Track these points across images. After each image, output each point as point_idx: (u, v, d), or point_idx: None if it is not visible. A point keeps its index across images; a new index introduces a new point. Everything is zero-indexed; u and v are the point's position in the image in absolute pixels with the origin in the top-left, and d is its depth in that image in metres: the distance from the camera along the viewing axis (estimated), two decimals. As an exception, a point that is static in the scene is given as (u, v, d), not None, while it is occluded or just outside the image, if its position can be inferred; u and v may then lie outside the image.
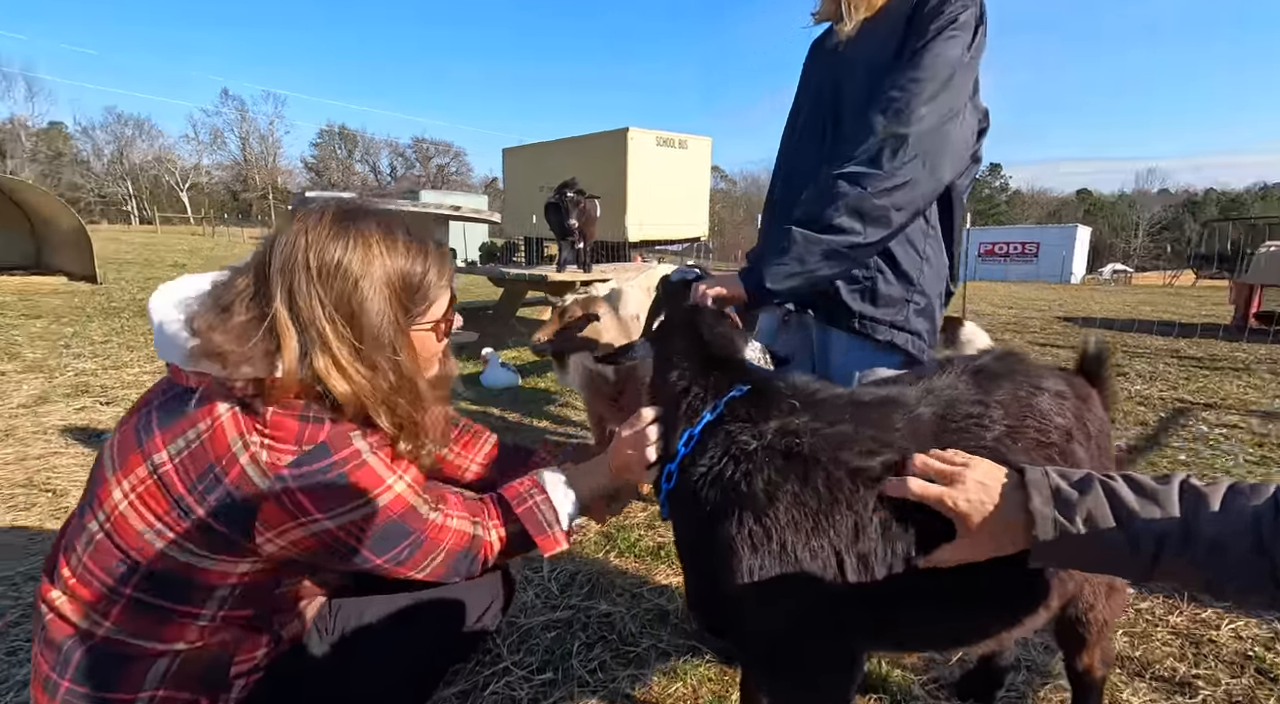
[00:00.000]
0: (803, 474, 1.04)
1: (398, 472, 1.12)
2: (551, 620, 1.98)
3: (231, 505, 0.97)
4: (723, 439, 1.12)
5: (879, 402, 1.16)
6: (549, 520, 1.25)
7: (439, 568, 1.17)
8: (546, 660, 1.80)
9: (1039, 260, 34.68)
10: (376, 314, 1.05)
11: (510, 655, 1.81)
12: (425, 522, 1.14)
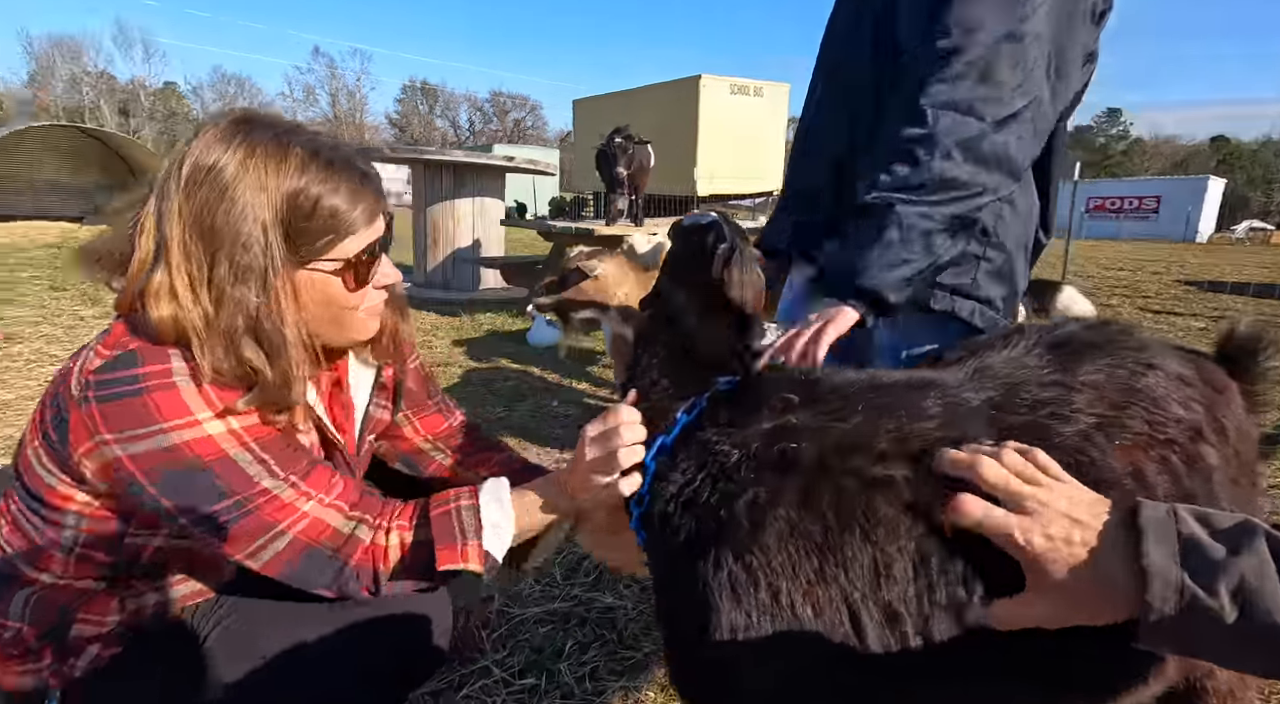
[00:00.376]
0: (802, 492, 0.77)
1: (218, 410, 0.90)
2: (547, 612, 1.79)
3: (58, 414, 0.91)
4: (697, 450, 0.87)
5: (906, 385, 0.87)
6: (464, 529, 0.98)
7: (281, 561, 0.93)
8: (533, 661, 1.62)
9: (1159, 216, 31.23)
10: (243, 237, 0.89)
11: (493, 652, 1.64)
12: (254, 487, 0.91)
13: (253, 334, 0.91)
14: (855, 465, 0.77)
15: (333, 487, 0.99)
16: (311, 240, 0.94)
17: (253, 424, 0.95)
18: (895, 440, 0.79)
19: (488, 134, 68.14)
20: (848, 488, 0.77)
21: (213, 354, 0.89)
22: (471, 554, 0.96)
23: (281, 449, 0.97)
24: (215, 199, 0.88)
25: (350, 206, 0.95)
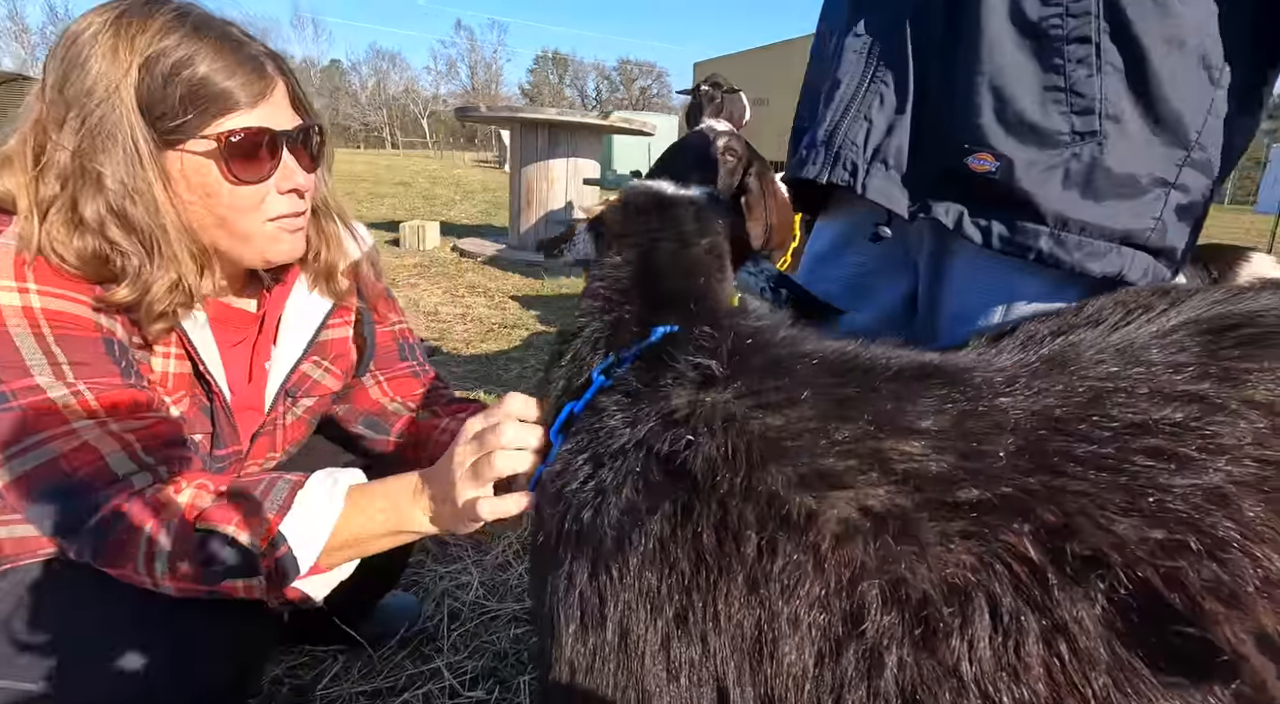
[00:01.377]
0: (684, 509, 0.56)
1: (25, 284, 0.77)
2: (526, 612, 1.55)
3: None
4: (589, 423, 0.68)
5: (896, 371, 0.58)
6: (265, 497, 0.81)
7: (36, 481, 0.75)
8: (491, 670, 1.39)
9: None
10: (92, 103, 0.79)
11: (451, 653, 1.42)
12: (24, 379, 0.75)
13: (118, 217, 0.80)
14: (765, 485, 0.52)
15: (134, 416, 0.80)
16: (174, 114, 0.81)
17: (62, 310, 0.79)
18: (845, 456, 0.51)
19: (614, 102, 68.72)
20: (743, 516, 0.51)
21: (50, 231, 0.79)
22: (255, 527, 0.78)
23: (86, 351, 0.79)
24: (70, 66, 0.80)
25: (221, 77, 0.82)
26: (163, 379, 0.92)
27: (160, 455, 0.81)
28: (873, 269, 1.03)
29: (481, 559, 1.74)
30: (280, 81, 0.90)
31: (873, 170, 0.88)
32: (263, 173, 0.87)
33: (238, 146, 0.84)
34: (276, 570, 0.80)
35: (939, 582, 0.46)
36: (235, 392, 1.01)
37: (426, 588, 1.63)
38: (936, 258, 0.94)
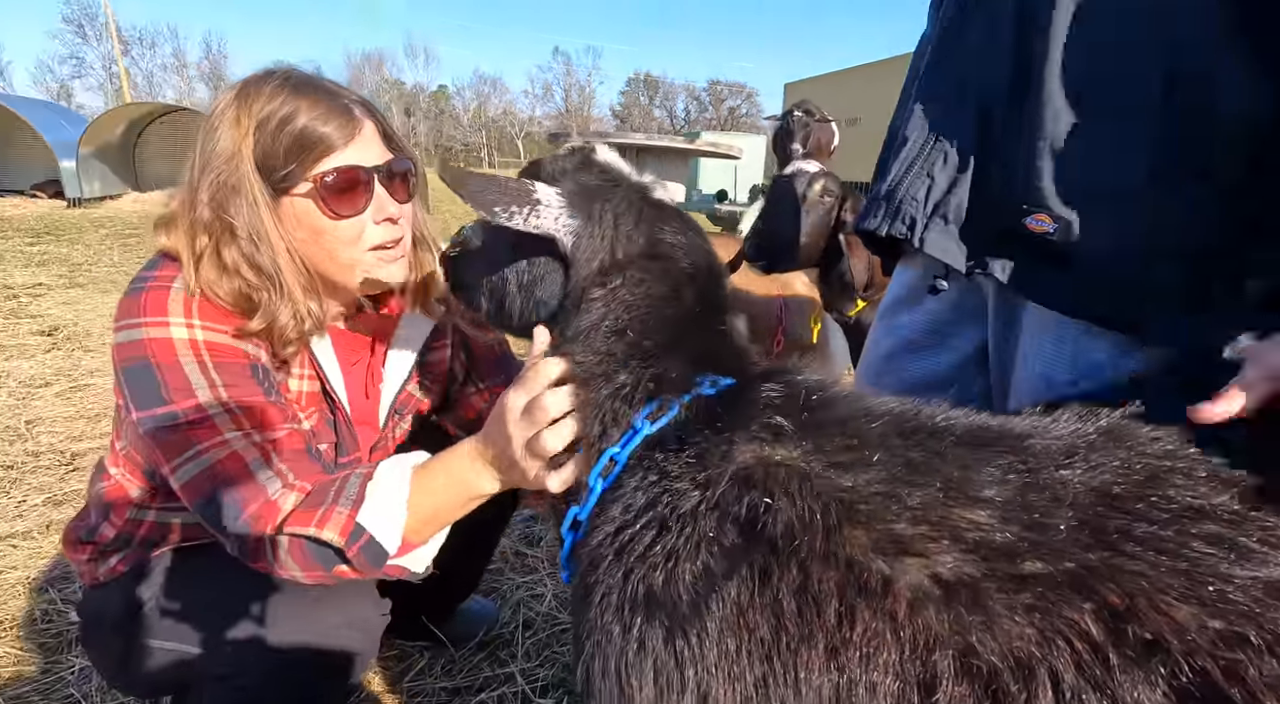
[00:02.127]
0: (762, 573, 0.55)
1: (190, 320, 0.92)
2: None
3: None
4: (649, 479, 0.65)
5: (962, 437, 0.58)
6: (339, 496, 0.88)
7: (194, 487, 0.89)
8: (561, 680, 1.44)
9: None
10: (220, 164, 0.92)
11: (524, 659, 1.49)
12: (189, 400, 0.90)
13: (248, 260, 0.93)
14: (844, 550, 0.53)
15: (272, 429, 0.92)
16: (283, 164, 0.93)
17: (219, 342, 0.94)
18: (916, 522, 0.52)
19: (702, 122, 69.16)
20: (824, 582, 0.52)
21: (204, 277, 0.93)
22: (333, 522, 0.86)
23: (236, 375, 0.93)
24: (207, 137, 0.94)
25: (317, 125, 0.93)
26: (298, 397, 1.06)
27: (290, 463, 0.93)
28: (948, 318, 1.03)
29: (556, 572, 1.80)
30: (369, 122, 0.99)
31: (931, 225, 0.90)
32: (358, 206, 0.96)
33: (333, 184, 0.94)
34: (365, 556, 0.88)
35: (1006, 654, 0.46)
36: (354, 407, 1.14)
37: (504, 595, 1.72)
38: (1005, 313, 0.94)
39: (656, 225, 0.79)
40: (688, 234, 0.81)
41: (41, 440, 2.54)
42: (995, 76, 0.84)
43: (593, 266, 0.78)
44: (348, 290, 1.05)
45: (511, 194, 0.76)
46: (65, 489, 2.19)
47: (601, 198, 0.80)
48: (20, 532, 1.94)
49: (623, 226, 0.78)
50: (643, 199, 0.82)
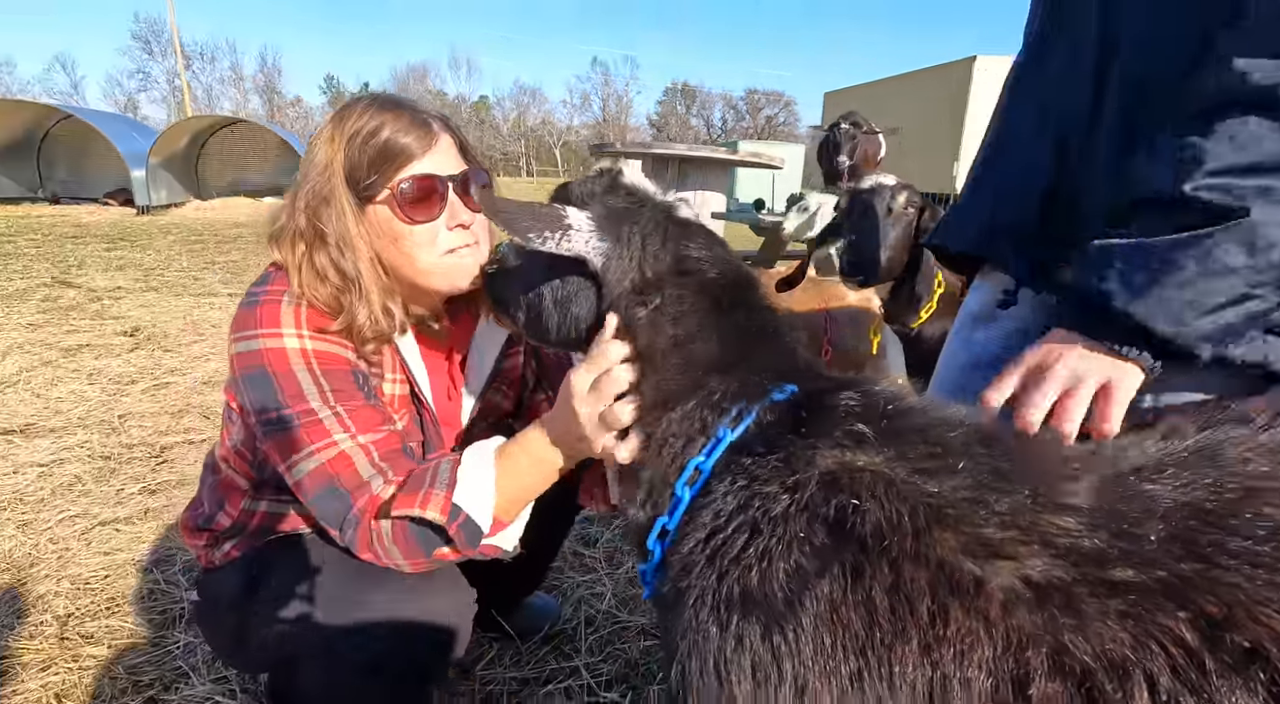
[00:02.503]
0: (854, 570, 0.59)
1: (300, 330, 1.02)
2: (654, 628, 1.67)
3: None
4: (738, 484, 0.69)
5: (1045, 450, 0.63)
6: (435, 480, 0.96)
7: (307, 484, 0.99)
8: (624, 676, 1.52)
9: None
10: (314, 178, 1.03)
11: (587, 654, 1.57)
12: (302, 404, 0.99)
13: (335, 265, 1.03)
14: (934, 551, 0.56)
15: (374, 430, 1.01)
16: (367, 174, 1.01)
17: (326, 351, 1.03)
18: (1005, 527, 0.55)
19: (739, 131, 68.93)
20: (915, 580, 0.56)
21: (304, 282, 1.03)
22: (434, 502, 0.94)
23: (341, 381, 1.03)
24: (306, 156, 1.05)
25: (398, 137, 1.01)
26: (391, 400, 1.15)
27: (389, 460, 1.02)
28: (1029, 331, 1.02)
29: (614, 572, 1.88)
30: (446, 136, 1.07)
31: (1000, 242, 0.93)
32: (432, 213, 1.03)
33: (409, 191, 1.01)
34: (464, 534, 0.95)
35: (1099, 655, 0.48)
36: (439, 408, 1.24)
37: (565, 593, 1.80)
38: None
39: (682, 243, 0.84)
40: (712, 248, 0.86)
41: (133, 434, 2.73)
42: (1075, 102, 0.86)
43: (624, 285, 0.83)
44: (429, 294, 1.13)
45: (544, 219, 0.82)
46: (157, 479, 2.36)
47: (629, 220, 0.85)
48: (122, 517, 2.10)
49: (650, 246, 0.83)
50: (668, 218, 0.86)
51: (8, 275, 5.83)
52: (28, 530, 2.02)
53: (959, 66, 11.97)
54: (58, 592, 1.74)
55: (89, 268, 6.36)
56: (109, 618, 1.65)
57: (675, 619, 0.71)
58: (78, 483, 2.32)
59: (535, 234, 0.81)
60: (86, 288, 5.43)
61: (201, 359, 3.70)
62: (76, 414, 2.90)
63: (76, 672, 1.48)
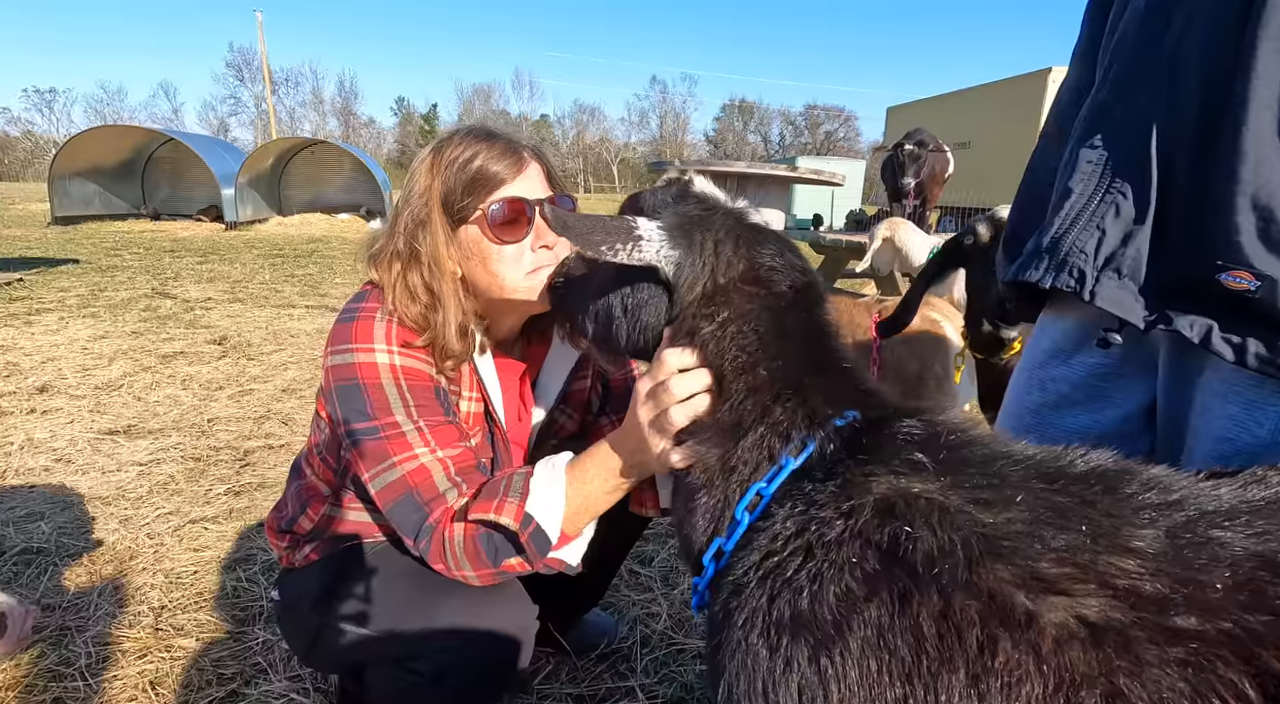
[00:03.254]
0: (901, 597, 0.59)
1: (390, 346, 1.07)
2: (710, 651, 1.66)
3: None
4: (796, 509, 0.70)
5: (1108, 486, 0.59)
6: (508, 489, 1.00)
7: (387, 493, 1.04)
8: (680, 699, 1.51)
9: None
10: (414, 204, 1.10)
11: (643, 675, 1.57)
12: (388, 417, 1.05)
13: (426, 285, 1.09)
14: (986, 581, 0.55)
15: (452, 445, 1.06)
16: (461, 198, 1.08)
17: (413, 367, 1.09)
18: (1060, 563, 0.54)
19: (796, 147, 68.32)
20: (965, 609, 0.55)
21: (398, 299, 1.10)
22: (508, 510, 0.98)
23: (425, 397, 1.09)
24: (407, 184, 1.12)
25: (491, 164, 1.08)
26: (466, 417, 1.20)
27: (464, 475, 1.07)
28: (1109, 372, 0.99)
29: (670, 592, 1.88)
30: (534, 163, 1.13)
31: (1103, 278, 0.87)
32: (519, 233, 1.09)
33: (499, 213, 1.07)
34: (534, 543, 0.98)
35: (1156, 702, 0.47)
36: (510, 428, 1.28)
37: (621, 611, 1.81)
38: (1180, 370, 0.90)
39: (755, 249, 0.83)
40: (784, 254, 0.85)
41: (220, 437, 2.92)
42: (1178, 129, 0.82)
43: (696, 292, 0.82)
44: (511, 313, 1.19)
45: (615, 232, 0.81)
46: (241, 481, 2.51)
47: (700, 226, 0.84)
48: (209, 516, 2.25)
49: (722, 253, 0.82)
50: (739, 224, 0.85)
51: (115, 286, 6.36)
52: (129, 525, 2.19)
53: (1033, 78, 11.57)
54: (153, 584, 1.88)
55: (184, 279, 6.87)
56: (197, 612, 1.77)
57: (725, 637, 0.71)
58: (171, 482, 2.50)
59: (606, 246, 0.81)
60: (181, 298, 5.87)
61: (280, 367, 3.93)
62: (171, 417, 3.13)
63: (169, 662, 1.59)
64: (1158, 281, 0.86)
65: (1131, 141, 0.87)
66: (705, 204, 0.89)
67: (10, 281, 6.26)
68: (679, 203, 0.89)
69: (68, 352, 4.11)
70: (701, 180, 1.00)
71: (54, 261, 7.75)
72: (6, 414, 3.10)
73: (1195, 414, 0.88)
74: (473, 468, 1.08)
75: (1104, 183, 0.89)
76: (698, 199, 0.90)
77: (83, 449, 2.76)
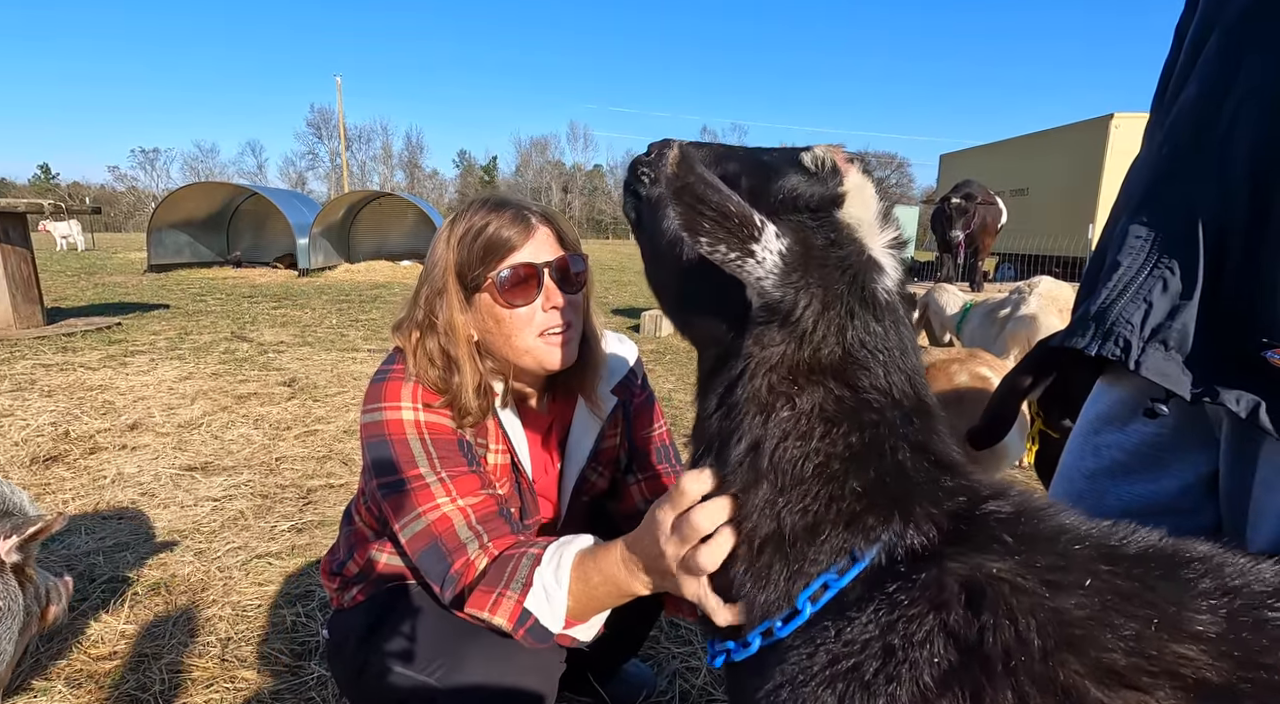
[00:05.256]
0: (974, 692, 0.55)
1: (415, 404, 1.14)
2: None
3: None
4: (880, 610, 0.61)
5: (1170, 568, 0.57)
6: (512, 578, 0.99)
7: (416, 542, 1.09)
8: (716, 757, 1.49)
9: None
10: (433, 276, 1.17)
11: (681, 730, 1.56)
12: (412, 469, 1.10)
13: (443, 350, 1.17)
14: (1060, 676, 0.53)
15: (473, 493, 1.11)
16: (475, 267, 1.14)
17: (435, 422, 1.16)
18: (1131, 654, 0.52)
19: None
20: (1029, 699, 0.53)
21: (418, 364, 1.18)
22: (504, 607, 0.97)
23: (447, 450, 1.15)
24: (429, 253, 1.21)
25: (502, 231, 1.14)
26: (494, 469, 1.25)
27: (485, 523, 1.10)
28: (1167, 442, 0.98)
29: (709, 647, 1.87)
30: (545, 227, 1.18)
31: (1149, 349, 0.87)
32: (528, 296, 1.15)
33: (508, 278, 1.13)
34: (532, 637, 0.97)
35: None
36: (537, 480, 1.33)
37: (660, 664, 1.82)
38: (1241, 443, 0.88)
39: (864, 333, 0.67)
40: (895, 353, 0.68)
41: (286, 476, 3.10)
42: (1230, 212, 0.84)
43: (769, 358, 0.68)
44: (530, 372, 1.23)
45: (731, 225, 0.63)
46: (304, 519, 2.66)
47: (817, 277, 0.66)
48: (274, 552, 2.38)
49: (825, 327, 0.66)
50: (863, 293, 0.68)
51: (199, 330, 6.87)
52: (202, 558, 2.34)
53: (1095, 124, 11.35)
54: (221, 616, 2.00)
55: (260, 324, 7.35)
56: (260, 644, 1.87)
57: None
58: (241, 517, 2.66)
59: (709, 239, 0.63)
60: (257, 342, 6.28)
61: (343, 409, 4.14)
62: (243, 455, 3.34)
63: (232, 692, 1.68)
64: (1206, 356, 0.86)
65: (1180, 220, 0.88)
66: (841, 237, 0.69)
67: (110, 325, 6.85)
68: (820, 214, 0.69)
69: (156, 391, 4.46)
70: (858, 180, 0.71)
71: (148, 306, 8.44)
72: (102, 449, 3.38)
73: (1259, 487, 0.86)
74: (494, 514, 1.12)
75: (1152, 258, 0.90)
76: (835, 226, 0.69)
77: (165, 484, 2.97)
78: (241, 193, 14.88)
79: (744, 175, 0.73)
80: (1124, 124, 10.83)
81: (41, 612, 1.34)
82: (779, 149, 0.77)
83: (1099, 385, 1.10)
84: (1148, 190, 0.96)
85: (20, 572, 1.27)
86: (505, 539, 1.09)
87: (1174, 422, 0.97)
